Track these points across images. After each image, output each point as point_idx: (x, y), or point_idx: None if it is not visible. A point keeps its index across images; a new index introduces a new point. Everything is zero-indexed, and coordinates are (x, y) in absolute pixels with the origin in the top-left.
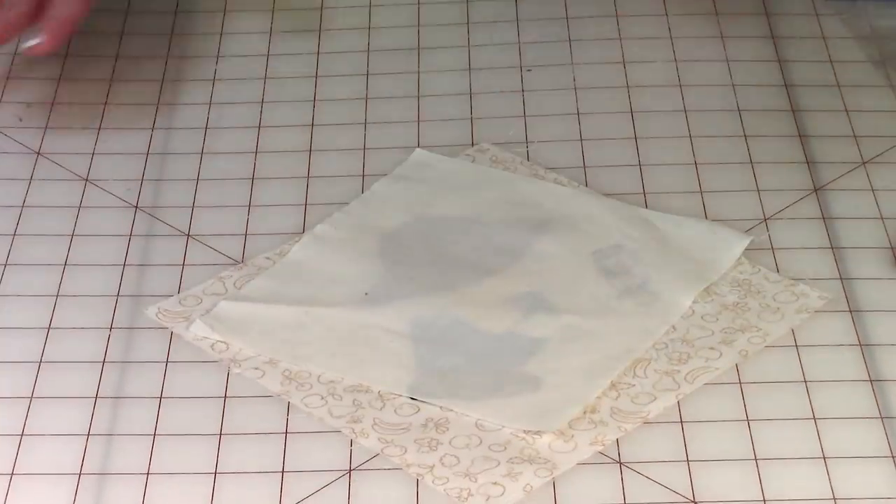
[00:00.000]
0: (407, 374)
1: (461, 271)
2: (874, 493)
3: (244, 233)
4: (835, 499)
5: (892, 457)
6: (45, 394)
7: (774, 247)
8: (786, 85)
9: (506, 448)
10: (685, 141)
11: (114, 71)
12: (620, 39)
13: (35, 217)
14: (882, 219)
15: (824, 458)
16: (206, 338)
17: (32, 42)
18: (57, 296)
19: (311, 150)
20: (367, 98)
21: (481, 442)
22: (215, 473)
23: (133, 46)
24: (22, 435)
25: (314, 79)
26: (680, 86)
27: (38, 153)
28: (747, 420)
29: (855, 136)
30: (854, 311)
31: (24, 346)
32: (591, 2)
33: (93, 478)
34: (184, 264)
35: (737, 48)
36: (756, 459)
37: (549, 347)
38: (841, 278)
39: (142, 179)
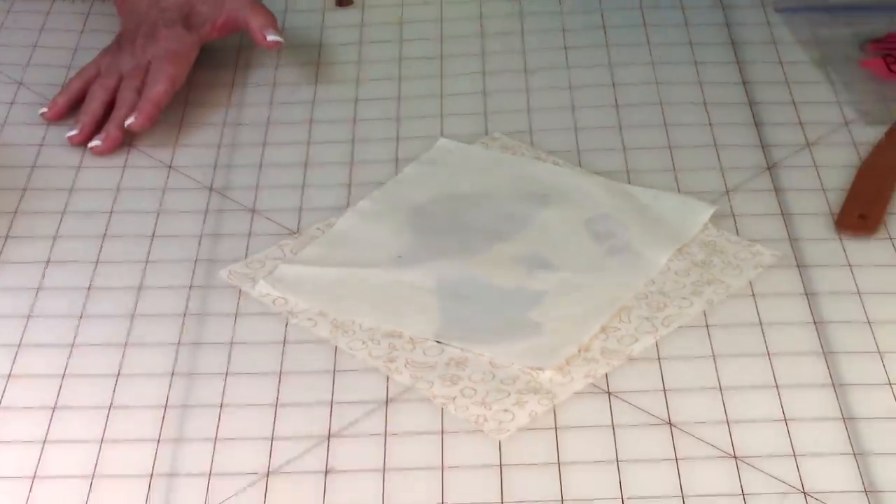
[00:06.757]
0: (433, 322)
1: (477, 237)
2: (816, 414)
3: (299, 208)
4: (786, 420)
5: (833, 385)
6: (136, 342)
7: (735, 214)
8: (743, 82)
9: (514, 381)
10: (661, 129)
11: (192, 77)
12: (607, 46)
13: (128, 197)
14: (823, 190)
15: (777, 386)
16: (269, 294)
17: (129, 121)
18: (147, 261)
19: (353, 141)
20: (399, 98)
21: (494, 377)
22: (276, 405)
23: (207, 59)
24: (118, 375)
25: (356, 82)
26: (656, 83)
27: (130, 146)
28: (713, 356)
29: (801, 123)
30: (801, 266)
31: (120, 303)
32: (582, 18)
33: (176, 410)
34: (250, 234)
35: (702, 52)
36: (721, 388)
37: (549, 298)
38: (790, 239)
39: (215, 166)
